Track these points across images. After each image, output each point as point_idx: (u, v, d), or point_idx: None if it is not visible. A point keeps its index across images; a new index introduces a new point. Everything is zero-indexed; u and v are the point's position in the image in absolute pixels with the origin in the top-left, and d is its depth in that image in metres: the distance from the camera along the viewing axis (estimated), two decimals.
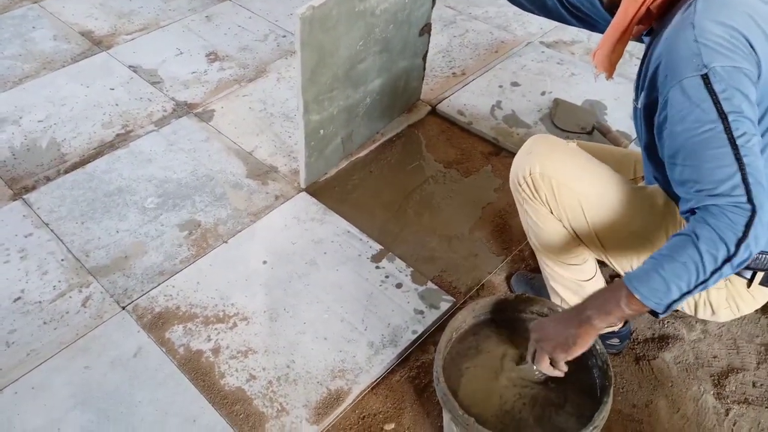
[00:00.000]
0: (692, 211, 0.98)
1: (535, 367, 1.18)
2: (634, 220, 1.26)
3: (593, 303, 1.06)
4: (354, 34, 1.73)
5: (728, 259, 0.93)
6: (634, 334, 1.61)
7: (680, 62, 0.98)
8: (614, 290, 1.02)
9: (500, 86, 2.39)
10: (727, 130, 0.93)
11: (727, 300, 1.25)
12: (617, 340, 1.53)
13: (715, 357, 1.57)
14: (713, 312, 1.28)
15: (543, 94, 2.35)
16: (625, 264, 1.32)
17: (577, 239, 1.34)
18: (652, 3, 1.09)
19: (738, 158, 0.92)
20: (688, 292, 0.96)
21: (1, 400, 1.45)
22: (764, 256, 1.14)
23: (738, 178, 0.92)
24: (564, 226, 1.33)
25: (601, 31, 1.26)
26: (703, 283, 0.95)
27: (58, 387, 1.48)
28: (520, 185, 1.32)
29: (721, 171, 0.93)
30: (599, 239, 1.30)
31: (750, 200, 0.92)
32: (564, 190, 1.28)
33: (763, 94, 1.01)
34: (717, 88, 0.94)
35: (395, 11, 1.84)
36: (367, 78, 1.92)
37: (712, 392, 1.50)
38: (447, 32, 2.68)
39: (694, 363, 1.56)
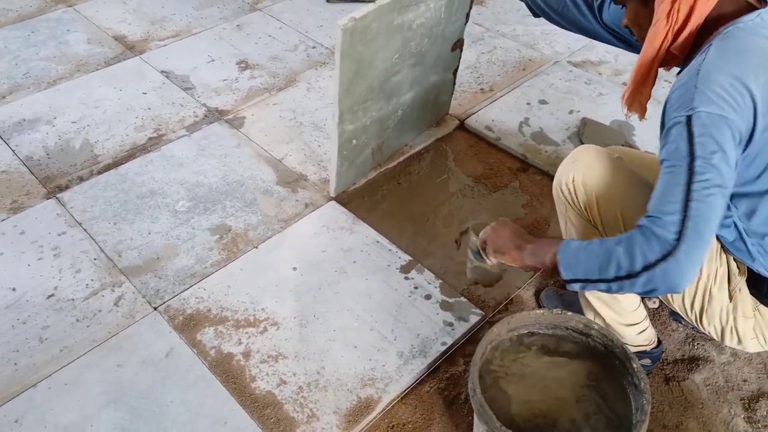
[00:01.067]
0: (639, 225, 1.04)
1: (472, 239, 1.34)
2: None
3: (537, 243, 1.19)
4: (391, 47, 1.76)
5: (629, 276, 1.01)
6: (663, 354, 1.61)
7: (676, 102, 1.04)
8: (553, 245, 1.14)
9: (528, 103, 2.41)
10: (690, 171, 0.99)
11: (755, 330, 1.26)
12: (649, 361, 1.53)
13: (745, 380, 1.57)
14: (740, 341, 1.28)
15: (571, 112, 2.37)
16: None
17: None
18: (671, 45, 1.12)
19: (687, 200, 0.98)
20: (590, 282, 1.06)
21: (35, 395, 1.46)
22: None
23: (677, 217, 0.98)
24: (600, 236, 1.35)
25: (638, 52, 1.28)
26: (604, 282, 1.05)
27: (90, 384, 1.49)
28: (562, 191, 1.35)
29: (669, 205, 0.99)
30: None
31: (677, 240, 0.97)
32: (602, 202, 1.30)
33: (761, 146, 1.03)
34: (696, 130, 0.99)
35: (431, 26, 1.86)
36: (400, 90, 1.95)
37: (742, 416, 1.50)
38: (475, 48, 2.71)
39: (724, 386, 1.56)
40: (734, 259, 1.23)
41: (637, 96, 1.22)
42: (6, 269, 1.74)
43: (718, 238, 1.21)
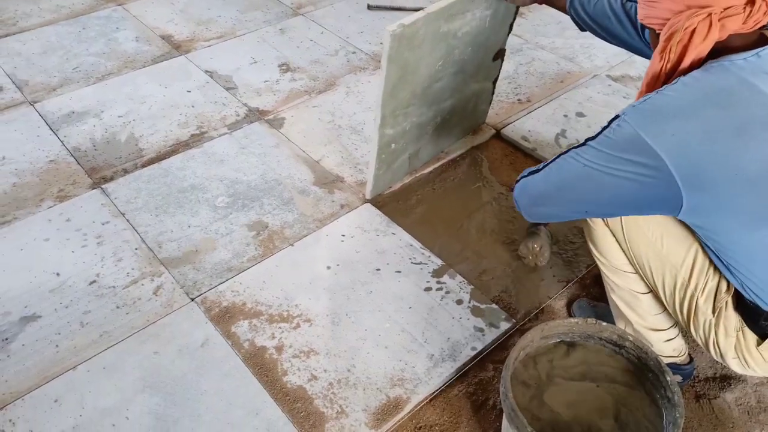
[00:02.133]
0: None
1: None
2: (664, 238, 1.27)
3: None
4: (436, 54, 1.78)
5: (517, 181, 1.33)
6: (695, 372, 1.60)
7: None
8: None
9: (565, 115, 2.41)
10: (578, 145, 1.17)
11: (736, 350, 1.26)
12: (680, 378, 1.52)
13: None
14: (722, 357, 1.29)
15: None
16: (651, 277, 1.33)
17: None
18: (669, 79, 1.12)
19: (559, 155, 1.21)
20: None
21: (75, 377, 1.51)
22: None
23: (547, 162, 1.24)
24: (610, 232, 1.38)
25: None
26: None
27: (128, 369, 1.53)
28: None
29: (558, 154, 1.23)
30: (631, 248, 1.34)
31: (537, 170, 1.27)
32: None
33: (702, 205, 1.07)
34: (612, 126, 1.11)
35: (475, 34, 1.89)
36: (441, 97, 1.97)
37: None
38: (514, 59, 2.72)
39: (756, 406, 1.54)
40: (724, 278, 1.23)
41: None
42: (51, 255, 1.81)
43: (706, 254, 1.23)
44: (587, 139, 1.16)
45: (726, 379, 1.59)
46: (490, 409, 1.51)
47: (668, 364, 1.50)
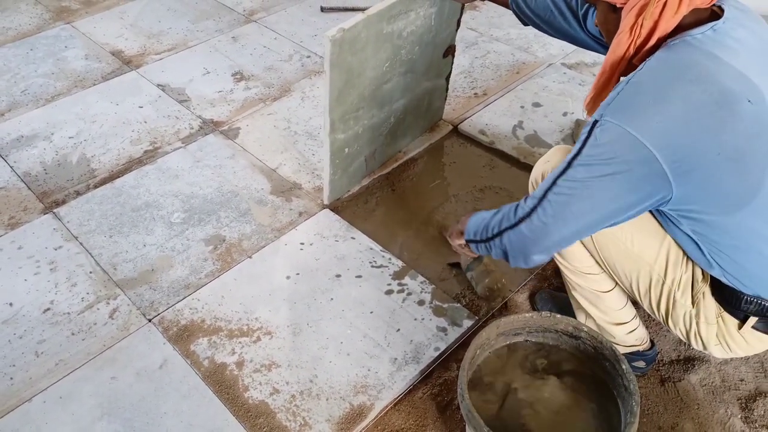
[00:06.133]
0: None
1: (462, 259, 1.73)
2: (635, 237, 1.26)
3: (466, 216, 1.36)
4: (381, 56, 1.77)
5: (493, 237, 1.22)
6: (659, 356, 1.60)
7: (605, 102, 1.09)
8: (471, 215, 1.32)
9: (522, 107, 2.41)
10: (567, 165, 1.09)
11: (718, 337, 1.26)
12: (643, 363, 1.52)
13: (742, 380, 1.55)
14: (704, 346, 1.29)
15: (565, 114, 2.36)
16: (624, 280, 1.32)
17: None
18: (633, 58, 1.12)
19: (547, 190, 1.11)
20: (476, 242, 1.28)
21: (30, 409, 1.47)
22: (752, 299, 1.16)
23: (537, 201, 1.13)
24: None
25: None
26: (483, 243, 1.26)
27: (85, 397, 1.50)
28: (533, 188, 1.38)
29: (540, 189, 1.13)
30: (601, 252, 1.32)
31: (528, 215, 1.14)
32: None
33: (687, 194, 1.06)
34: (595, 134, 1.05)
35: (421, 33, 1.87)
36: (392, 98, 1.95)
37: (739, 416, 1.48)
38: (469, 53, 2.72)
39: (720, 386, 1.55)
40: (698, 267, 1.22)
41: (598, 101, 1.21)
42: (3, 284, 1.76)
43: (680, 245, 1.22)
44: (570, 160, 1.08)
45: (690, 360, 1.60)
46: (456, 410, 1.50)
47: (631, 353, 1.50)
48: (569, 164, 1.08)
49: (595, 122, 1.06)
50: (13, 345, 1.62)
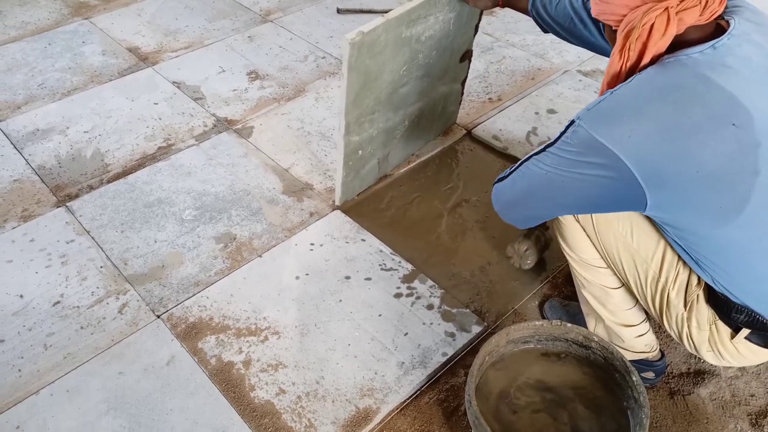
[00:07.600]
0: None
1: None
2: (634, 231, 1.26)
3: None
4: (399, 60, 1.76)
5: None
6: (669, 368, 1.58)
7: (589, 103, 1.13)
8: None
9: (536, 113, 2.40)
10: (541, 150, 1.17)
11: (710, 344, 1.25)
12: (652, 374, 1.51)
13: (752, 395, 1.53)
14: (696, 350, 1.28)
15: None
16: (622, 270, 1.32)
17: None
18: (628, 77, 1.11)
19: (522, 162, 1.22)
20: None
21: (37, 401, 1.48)
22: (742, 308, 1.15)
23: (510, 171, 1.27)
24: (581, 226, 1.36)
25: None
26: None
27: (92, 391, 1.50)
28: None
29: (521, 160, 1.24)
30: (601, 240, 1.32)
31: (505, 177, 1.29)
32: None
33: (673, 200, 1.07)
34: (567, 133, 1.11)
35: (440, 38, 1.86)
36: (407, 101, 1.95)
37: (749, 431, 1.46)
38: (484, 58, 2.71)
39: (730, 400, 1.53)
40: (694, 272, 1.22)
41: None
42: (14, 276, 1.77)
43: (673, 248, 1.22)
44: (546, 146, 1.15)
45: (700, 374, 1.58)
46: (462, 416, 1.49)
47: (640, 361, 1.49)
48: (544, 149, 1.16)
49: (572, 122, 1.09)
50: (23, 337, 1.63)
